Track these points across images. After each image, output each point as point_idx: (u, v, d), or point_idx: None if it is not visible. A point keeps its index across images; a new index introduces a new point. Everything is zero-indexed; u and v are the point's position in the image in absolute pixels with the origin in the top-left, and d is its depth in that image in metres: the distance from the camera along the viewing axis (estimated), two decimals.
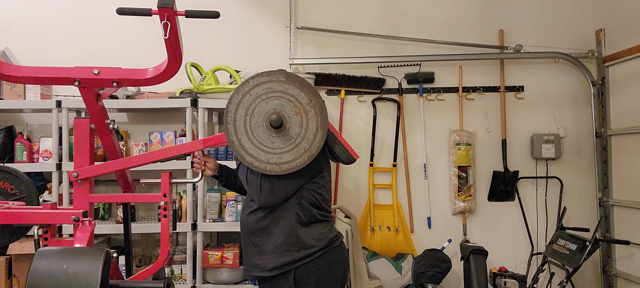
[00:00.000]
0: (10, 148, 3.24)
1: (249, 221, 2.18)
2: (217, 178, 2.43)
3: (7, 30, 3.62)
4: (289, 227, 2.09)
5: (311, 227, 2.12)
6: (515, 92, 3.78)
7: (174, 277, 3.22)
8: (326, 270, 2.11)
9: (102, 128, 2.11)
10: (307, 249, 2.08)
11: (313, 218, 2.13)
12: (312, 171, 2.11)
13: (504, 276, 3.40)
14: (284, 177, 2.05)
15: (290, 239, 2.08)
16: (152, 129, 3.37)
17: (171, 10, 1.64)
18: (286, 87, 1.98)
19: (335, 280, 2.15)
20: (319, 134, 2.00)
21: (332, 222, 2.23)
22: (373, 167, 3.75)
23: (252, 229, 2.16)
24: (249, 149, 1.98)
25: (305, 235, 2.10)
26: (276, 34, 3.75)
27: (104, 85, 1.98)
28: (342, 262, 2.20)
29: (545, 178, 3.76)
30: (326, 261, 2.11)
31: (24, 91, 3.28)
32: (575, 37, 3.78)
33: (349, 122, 3.79)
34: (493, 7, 3.82)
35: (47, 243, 1.96)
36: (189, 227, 3.14)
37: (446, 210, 3.77)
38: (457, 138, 3.67)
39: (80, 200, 2.04)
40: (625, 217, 3.54)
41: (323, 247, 2.11)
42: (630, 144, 3.47)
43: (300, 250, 2.08)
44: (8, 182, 2.17)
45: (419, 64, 3.75)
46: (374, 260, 3.42)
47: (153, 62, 2.08)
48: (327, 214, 2.21)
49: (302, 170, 2.02)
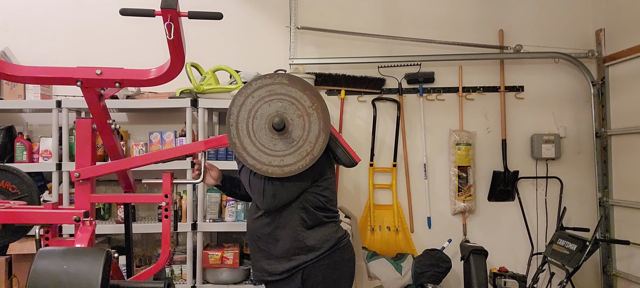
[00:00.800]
0: (10, 148, 3.23)
1: (254, 227, 2.18)
2: (219, 188, 2.41)
3: (7, 30, 3.61)
4: (294, 232, 2.10)
5: (317, 229, 2.13)
6: (515, 92, 3.78)
7: (174, 277, 3.22)
8: (333, 269, 2.12)
9: (104, 128, 2.10)
10: (314, 251, 2.09)
11: (318, 221, 2.13)
12: (314, 174, 2.10)
13: (504, 276, 3.40)
14: (286, 180, 2.05)
15: (296, 243, 2.09)
16: (152, 129, 3.36)
17: (174, 11, 1.64)
18: (289, 89, 1.98)
19: (342, 279, 2.16)
20: (321, 137, 1.99)
21: (338, 222, 2.24)
22: (373, 167, 3.75)
23: (258, 235, 2.17)
24: (251, 151, 1.98)
25: (310, 238, 2.10)
26: (276, 34, 3.75)
27: (107, 86, 1.97)
28: (349, 261, 2.20)
29: (545, 178, 3.76)
30: (333, 261, 2.12)
31: (24, 91, 3.27)
32: (575, 37, 3.79)
33: (349, 122, 3.79)
34: (493, 7, 3.83)
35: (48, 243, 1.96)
36: (189, 227, 3.13)
37: (446, 210, 3.77)
38: (457, 138, 3.68)
39: (81, 200, 2.04)
40: (625, 217, 3.54)
41: (330, 248, 2.12)
42: (630, 143, 3.47)
43: (307, 253, 2.09)
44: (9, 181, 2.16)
45: (419, 64, 3.75)
46: (374, 260, 3.42)
47: (153, 63, 2.08)
48: (333, 215, 2.21)
49: (304, 173, 2.02)
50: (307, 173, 2.05)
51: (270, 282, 2.18)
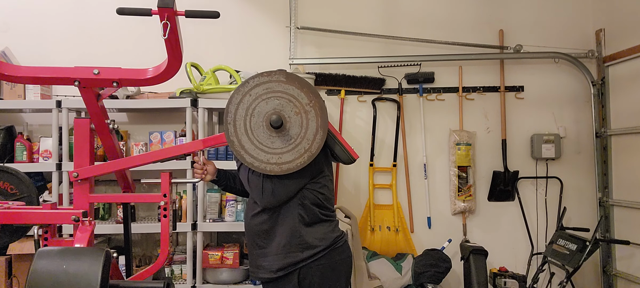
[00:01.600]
0: (10, 148, 3.24)
1: (253, 223, 2.18)
2: (215, 182, 2.42)
3: (7, 30, 3.62)
4: (292, 228, 2.10)
5: (314, 227, 2.12)
6: (515, 92, 3.78)
7: (174, 277, 3.22)
8: (330, 270, 2.12)
9: (102, 128, 2.11)
10: (310, 249, 2.09)
11: (316, 218, 2.13)
12: (312, 171, 2.11)
13: (504, 276, 3.40)
14: (285, 177, 2.05)
15: (293, 240, 2.09)
16: (152, 129, 3.37)
17: (171, 10, 1.64)
18: (286, 87, 1.98)
19: (339, 281, 2.15)
20: (319, 134, 2.00)
21: (335, 222, 2.23)
22: (373, 167, 3.75)
23: (256, 231, 2.16)
24: (249, 149, 1.98)
25: (308, 235, 2.10)
26: (276, 34, 3.75)
27: (104, 85, 1.98)
28: (345, 262, 2.19)
29: (545, 178, 3.76)
30: (329, 261, 2.11)
31: (24, 91, 3.28)
32: (575, 37, 3.78)
33: (349, 122, 3.79)
34: (493, 7, 3.82)
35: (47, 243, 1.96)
36: (189, 227, 3.13)
37: (446, 210, 3.77)
38: (457, 138, 3.68)
39: (80, 200, 2.04)
40: (625, 217, 3.54)
41: (326, 247, 2.11)
42: (630, 143, 3.47)
43: (304, 251, 2.08)
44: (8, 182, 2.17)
45: (419, 64, 3.75)
46: (374, 260, 3.42)
47: (153, 62, 2.08)
48: (330, 213, 2.21)
49: (302, 170, 2.02)
50: (306, 170, 2.05)
51: (266, 282, 2.17)
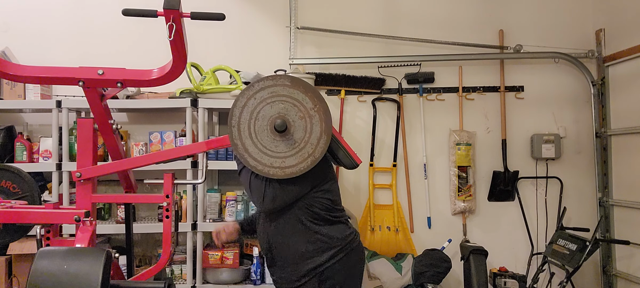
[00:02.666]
0: (10, 148, 3.23)
1: (265, 234, 2.18)
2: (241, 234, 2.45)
3: (7, 30, 3.61)
4: (305, 235, 2.08)
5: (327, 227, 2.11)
6: (515, 92, 3.79)
7: (174, 277, 3.21)
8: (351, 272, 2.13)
9: (106, 128, 2.10)
10: (328, 251, 2.08)
11: (327, 221, 2.11)
12: (315, 177, 2.08)
13: (504, 276, 3.41)
14: (287, 183, 2.04)
15: (309, 246, 2.07)
16: (152, 129, 3.36)
17: (177, 11, 1.64)
18: (291, 91, 1.98)
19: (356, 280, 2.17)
20: (323, 139, 1.99)
21: (347, 221, 2.22)
22: (373, 167, 3.75)
23: (271, 242, 2.15)
24: (252, 153, 1.97)
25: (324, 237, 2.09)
26: (276, 34, 3.74)
27: (109, 86, 1.97)
28: (362, 261, 2.22)
29: (545, 178, 3.77)
30: (350, 262, 2.12)
31: (24, 91, 3.27)
32: (575, 37, 3.79)
33: (349, 122, 3.79)
34: (493, 7, 3.83)
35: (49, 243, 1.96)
36: (189, 227, 3.13)
37: (446, 210, 3.78)
38: (457, 138, 3.68)
39: (82, 200, 2.03)
40: (625, 217, 3.55)
41: (344, 246, 2.11)
42: (630, 143, 3.48)
43: (322, 253, 2.07)
44: (10, 181, 2.16)
45: (419, 64, 3.75)
46: (374, 260, 3.42)
47: (154, 63, 2.08)
48: (342, 214, 2.20)
49: (305, 176, 2.01)
50: (308, 176, 2.03)
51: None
